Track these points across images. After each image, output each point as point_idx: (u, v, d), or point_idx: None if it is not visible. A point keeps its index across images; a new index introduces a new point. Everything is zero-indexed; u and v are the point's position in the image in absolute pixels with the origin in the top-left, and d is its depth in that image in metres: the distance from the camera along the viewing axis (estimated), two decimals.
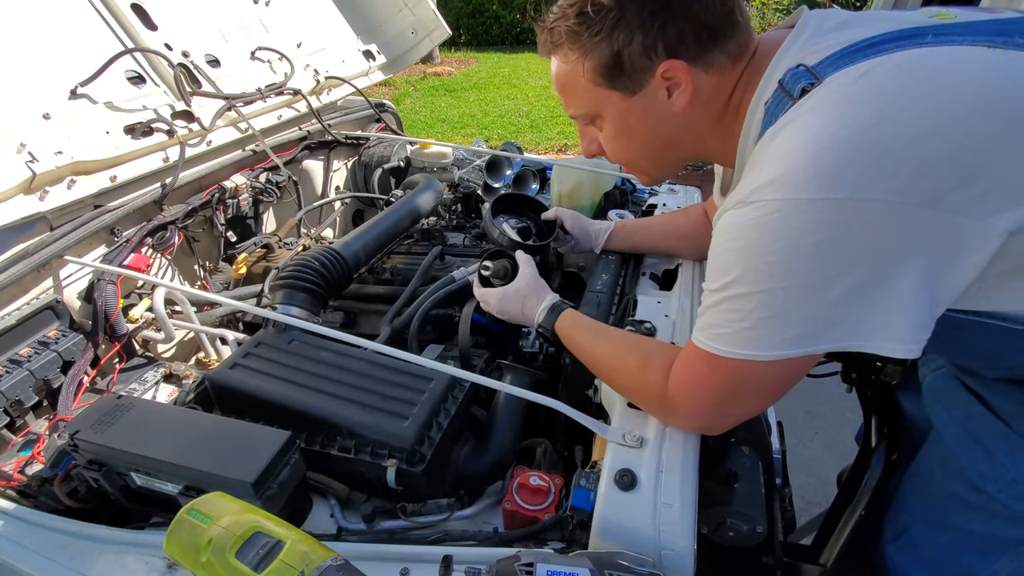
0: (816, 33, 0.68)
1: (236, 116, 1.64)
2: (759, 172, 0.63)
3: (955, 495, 0.83)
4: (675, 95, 0.74)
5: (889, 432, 0.99)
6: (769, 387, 0.70)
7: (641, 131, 0.81)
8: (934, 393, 0.87)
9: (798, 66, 0.66)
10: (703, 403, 0.74)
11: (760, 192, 0.62)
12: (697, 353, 0.71)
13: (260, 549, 0.58)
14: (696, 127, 0.79)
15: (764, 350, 0.64)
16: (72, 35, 1.35)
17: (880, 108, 0.57)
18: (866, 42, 0.63)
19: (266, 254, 1.61)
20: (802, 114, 0.63)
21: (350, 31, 2.25)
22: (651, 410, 0.82)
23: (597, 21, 0.71)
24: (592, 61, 0.75)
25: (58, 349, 1.11)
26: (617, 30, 0.71)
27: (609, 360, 0.87)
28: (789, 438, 1.23)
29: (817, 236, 0.58)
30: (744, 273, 0.63)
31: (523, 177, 2.05)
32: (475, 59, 10.46)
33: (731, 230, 0.65)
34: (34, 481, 0.92)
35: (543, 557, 0.64)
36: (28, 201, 1.15)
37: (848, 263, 0.59)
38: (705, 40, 0.71)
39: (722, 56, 0.73)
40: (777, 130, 0.65)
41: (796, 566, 0.94)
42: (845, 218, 0.57)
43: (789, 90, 0.65)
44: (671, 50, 0.71)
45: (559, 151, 6.03)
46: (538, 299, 1.01)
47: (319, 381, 0.96)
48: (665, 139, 0.81)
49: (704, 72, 0.73)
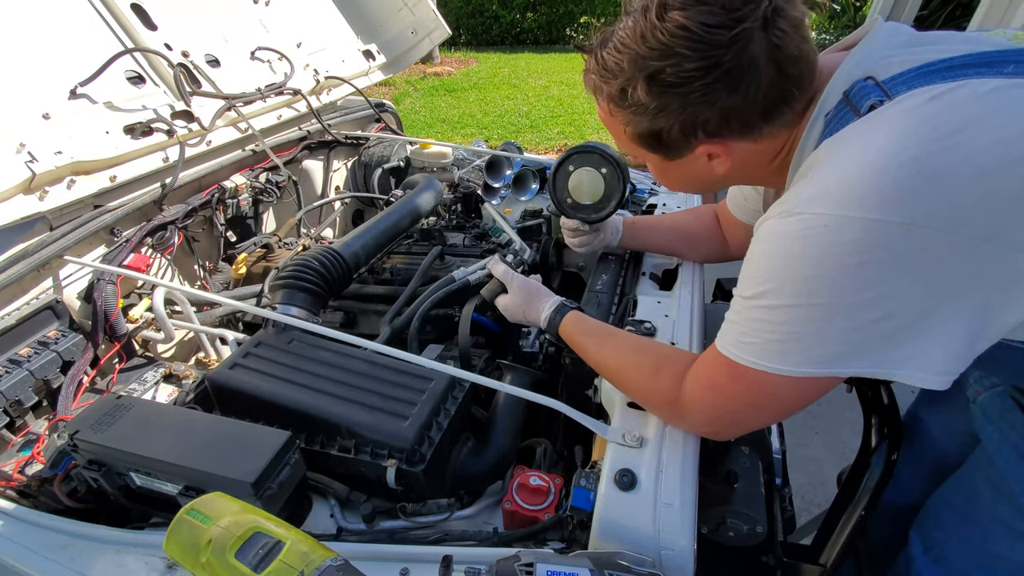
0: (888, 46, 0.65)
1: (236, 116, 1.64)
2: (809, 183, 0.61)
3: (1002, 520, 0.81)
4: (716, 162, 0.73)
5: (889, 432, 0.99)
6: (786, 403, 0.68)
7: (683, 182, 0.83)
8: (987, 413, 0.84)
9: (867, 79, 0.63)
10: (717, 410, 0.73)
11: (808, 204, 0.59)
12: (719, 360, 0.70)
13: (260, 549, 0.58)
14: (744, 174, 0.79)
15: (790, 365, 0.62)
16: (72, 35, 1.35)
17: (949, 134, 0.55)
18: (944, 63, 0.60)
19: (266, 254, 1.61)
20: (866, 131, 0.60)
21: (350, 31, 2.25)
22: (659, 412, 0.82)
23: (640, 104, 0.68)
24: (632, 131, 0.74)
25: (58, 349, 1.11)
26: (658, 117, 0.69)
27: (617, 361, 0.86)
28: (789, 438, 1.23)
29: (863, 257, 0.56)
30: (780, 285, 0.62)
31: (523, 177, 2.05)
32: (475, 59, 10.46)
33: (772, 239, 0.63)
34: (34, 481, 0.92)
35: (543, 557, 0.64)
36: (28, 201, 1.15)
37: (891, 288, 0.56)
38: (755, 121, 0.68)
39: (774, 128, 0.70)
40: (836, 143, 0.62)
41: (796, 566, 0.93)
42: (896, 242, 0.55)
43: (856, 103, 0.63)
44: (712, 135, 0.69)
45: (559, 151, 6.03)
46: (539, 305, 1.01)
47: (319, 381, 0.96)
48: (707, 186, 0.82)
49: (753, 143, 0.71)
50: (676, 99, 0.66)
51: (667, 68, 0.64)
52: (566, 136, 6.36)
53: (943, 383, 0.59)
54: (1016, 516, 0.79)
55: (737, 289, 0.69)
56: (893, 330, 0.58)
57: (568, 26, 11.99)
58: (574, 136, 6.39)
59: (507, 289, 1.08)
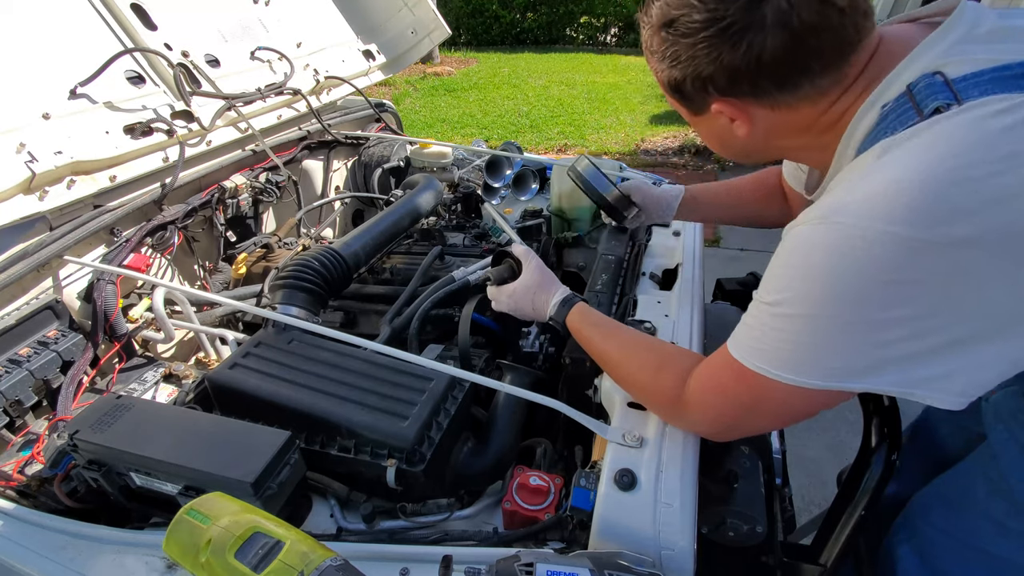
0: (967, 38, 0.59)
1: (236, 116, 1.64)
2: (851, 188, 0.58)
3: (992, 517, 0.81)
4: (735, 124, 0.72)
5: (889, 432, 0.99)
6: (791, 412, 0.67)
7: (712, 141, 0.81)
8: (999, 412, 0.83)
9: (935, 74, 0.57)
10: (719, 413, 0.72)
11: (846, 213, 0.56)
12: (728, 362, 0.68)
13: (259, 549, 0.58)
14: (772, 144, 0.76)
15: (802, 376, 0.61)
16: (72, 35, 1.35)
17: (1015, 154, 0.51)
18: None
19: (266, 254, 1.61)
20: (926, 140, 0.55)
21: (350, 31, 2.25)
22: (658, 410, 0.82)
23: (659, 52, 0.70)
24: (660, 78, 0.74)
25: (58, 349, 1.11)
26: (673, 67, 0.69)
27: (622, 355, 0.85)
28: (789, 438, 1.23)
29: (899, 275, 0.53)
30: (803, 294, 0.59)
31: (523, 177, 2.05)
32: (475, 59, 10.46)
33: (801, 246, 0.61)
34: (34, 481, 0.92)
35: (543, 557, 0.64)
36: (28, 201, 1.15)
37: (924, 309, 0.54)
38: (766, 86, 0.65)
39: (792, 99, 0.66)
40: (890, 146, 0.58)
41: (796, 566, 0.93)
42: (939, 264, 0.52)
43: (919, 102, 0.57)
44: (723, 92, 0.67)
45: (559, 151, 6.03)
46: (549, 292, 1.00)
47: (319, 381, 0.96)
48: (737, 150, 0.80)
49: (770, 110, 0.68)
50: (684, 49, 0.66)
51: (680, 17, 0.64)
52: (566, 136, 6.36)
53: (960, 404, 0.58)
54: (1009, 514, 0.79)
55: (757, 292, 0.66)
56: (918, 351, 0.56)
57: (568, 26, 12.00)
58: (574, 136, 6.39)
59: (520, 272, 1.05)
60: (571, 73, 9.25)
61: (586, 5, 11.55)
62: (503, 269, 1.10)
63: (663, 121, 6.84)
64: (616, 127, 6.75)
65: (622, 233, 1.40)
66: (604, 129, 6.68)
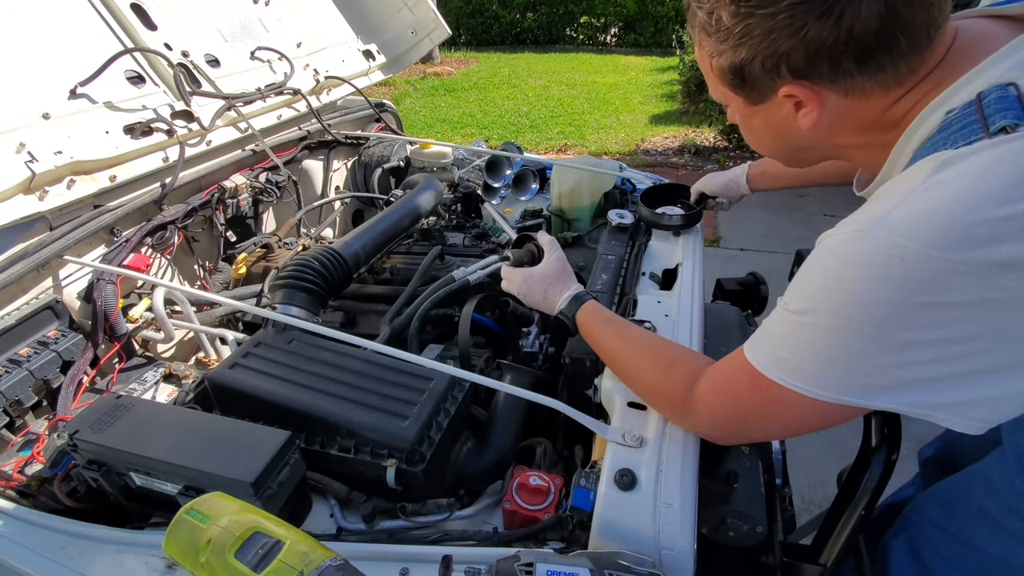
0: None
1: (236, 116, 1.64)
2: (897, 202, 0.54)
3: (987, 513, 0.80)
4: (801, 113, 0.65)
5: (889, 432, 0.99)
6: (802, 423, 0.65)
7: (766, 136, 0.75)
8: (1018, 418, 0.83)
9: (1010, 85, 0.53)
10: (727, 417, 0.71)
11: (888, 228, 0.53)
12: (743, 366, 0.66)
13: (259, 549, 0.58)
14: (831, 139, 0.70)
15: (819, 389, 0.59)
16: (72, 35, 1.35)
17: None
18: None
19: (266, 254, 1.61)
20: (986, 161, 0.51)
21: (350, 31, 2.25)
22: (664, 409, 0.82)
23: (725, 29, 0.62)
24: (717, 63, 0.67)
25: (58, 349, 1.11)
26: (741, 46, 0.62)
27: (631, 354, 0.85)
28: (789, 438, 1.23)
29: (935, 298, 0.51)
30: (832, 307, 0.57)
31: (523, 177, 2.05)
32: (475, 59, 10.47)
33: (836, 257, 0.58)
34: (34, 481, 0.92)
35: (543, 557, 0.64)
36: (28, 201, 1.15)
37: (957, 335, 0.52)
38: (847, 65, 0.59)
39: (870, 83, 0.60)
40: (946, 163, 0.53)
41: (796, 566, 0.93)
42: (980, 292, 0.50)
43: (987, 116, 0.53)
44: (797, 73, 0.61)
45: (559, 151, 6.03)
46: (562, 286, 0.99)
47: (319, 381, 0.96)
48: (792, 146, 0.74)
49: (843, 96, 0.62)
50: (761, 22, 0.59)
51: None
52: (566, 136, 6.37)
53: (980, 430, 0.56)
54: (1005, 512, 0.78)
55: (783, 298, 0.64)
56: (943, 375, 0.54)
57: (568, 26, 12.00)
58: (574, 136, 6.40)
59: (540, 258, 1.04)
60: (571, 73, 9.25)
61: (586, 5, 11.55)
62: (523, 252, 1.09)
63: (663, 121, 6.85)
64: (616, 127, 6.76)
65: (622, 233, 1.40)
66: (604, 129, 6.68)
